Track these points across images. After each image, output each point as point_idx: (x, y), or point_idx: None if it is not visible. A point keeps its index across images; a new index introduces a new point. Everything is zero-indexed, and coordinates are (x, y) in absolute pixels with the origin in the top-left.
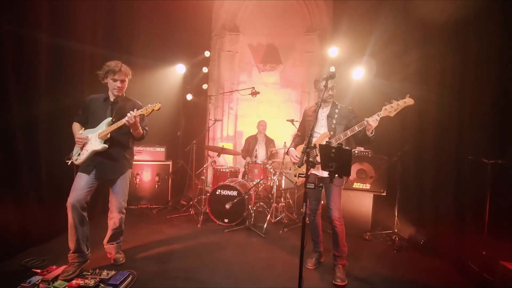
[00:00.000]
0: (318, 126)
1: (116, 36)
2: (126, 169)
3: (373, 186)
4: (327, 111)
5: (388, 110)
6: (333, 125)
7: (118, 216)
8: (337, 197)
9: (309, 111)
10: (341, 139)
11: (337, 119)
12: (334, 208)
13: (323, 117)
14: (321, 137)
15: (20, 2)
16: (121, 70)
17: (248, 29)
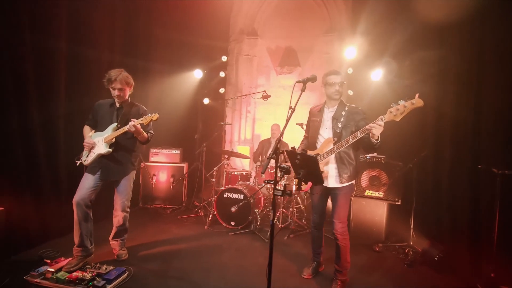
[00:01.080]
0: (323, 128)
1: (134, 43)
2: (129, 171)
3: (387, 195)
4: (333, 112)
5: (394, 113)
6: (338, 128)
7: (122, 215)
8: (342, 209)
9: (314, 110)
10: (343, 146)
11: (343, 122)
12: (337, 221)
13: (328, 118)
14: (324, 143)
15: (40, 12)
16: (116, 80)
17: (266, 32)
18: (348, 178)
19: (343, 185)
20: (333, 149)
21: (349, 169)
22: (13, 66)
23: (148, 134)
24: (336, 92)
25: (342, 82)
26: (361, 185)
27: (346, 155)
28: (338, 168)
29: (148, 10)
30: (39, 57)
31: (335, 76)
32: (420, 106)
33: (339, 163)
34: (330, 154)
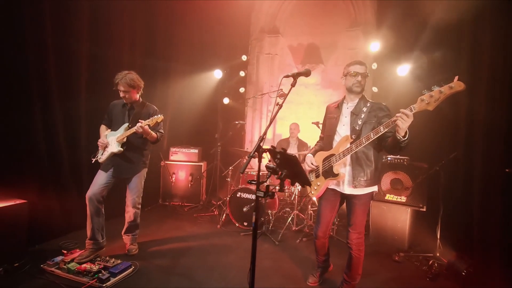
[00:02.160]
0: (340, 124)
1: (155, 43)
2: (140, 169)
3: (410, 200)
4: (352, 106)
5: (427, 101)
6: (357, 125)
7: (133, 211)
8: (359, 219)
9: (331, 107)
10: (363, 144)
11: (364, 118)
12: (352, 231)
13: (347, 113)
14: (340, 142)
15: (62, 14)
16: (119, 83)
17: (288, 30)
18: (365, 182)
19: (361, 193)
20: (351, 148)
21: (366, 172)
22: (37, 66)
23: (158, 134)
24: (357, 83)
25: (366, 74)
26: (381, 188)
27: (364, 156)
28: (352, 170)
29: (169, 10)
30: (62, 58)
31: (359, 66)
32: (461, 90)
33: (354, 164)
34: (346, 154)
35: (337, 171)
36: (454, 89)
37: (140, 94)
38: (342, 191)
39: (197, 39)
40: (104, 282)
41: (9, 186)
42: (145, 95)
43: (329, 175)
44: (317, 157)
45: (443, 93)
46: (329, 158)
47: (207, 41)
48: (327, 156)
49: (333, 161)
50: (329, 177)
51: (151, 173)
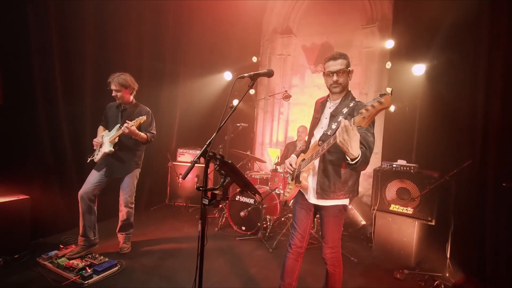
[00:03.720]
0: (318, 127)
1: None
2: (132, 169)
3: (417, 212)
4: (333, 107)
5: (363, 115)
6: (330, 130)
7: (125, 210)
8: (330, 232)
9: (318, 103)
10: (318, 154)
11: (340, 122)
12: (324, 244)
13: (327, 114)
14: (312, 148)
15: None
16: (110, 82)
17: (301, 29)
18: (331, 195)
19: (326, 204)
20: (311, 156)
21: (332, 184)
22: (43, 67)
23: (148, 135)
24: (334, 84)
25: (343, 70)
26: (386, 197)
27: (332, 167)
28: (318, 179)
29: (177, 12)
30: (67, 59)
31: (332, 62)
32: (387, 108)
33: (321, 174)
34: (309, 162)
35: (302, 179)
36: (383, 105)
37: (133, 95)
38: (308, 199)
39: (206, 40)
40: (86, 279)
41: (13, 181)
42: (152, 96)
43: (297, 181)
44: (299, 159)
45: (375, 109)
46: (302, 162)
47: (217, 43)
48: (302, 159)
49: (301, 167)
50: (297, 183)
51: (158, 173)
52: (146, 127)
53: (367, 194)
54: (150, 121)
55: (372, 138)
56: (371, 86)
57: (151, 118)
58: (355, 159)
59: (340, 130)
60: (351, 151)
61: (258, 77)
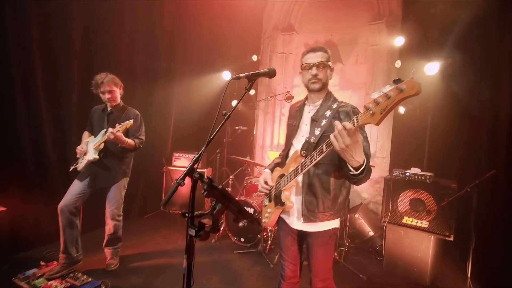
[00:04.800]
0: (298, 135)
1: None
2: (119, 178)
3: (434, 225)
4: (314, 111)
5: (372, 110)
6: (313, 137)
7: (112, 223)
8: (319, 262)
9: (293, 109)
10: (307, 165)
11: (324, 127)
12: (313, 277)
13: (307, 120)
14: (291, 159)
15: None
16: (103, 83)
17: (304, 26)
18: (320, 216)
19: (314, 230)
20: (297, 170)
21: (321, 202)
22: (22, 67)
23: (136, 141)
24: (313, 78)
25: (324, 63)
26: (398, 209)
27: (319, 181)
28: (303, 198)
29: (173, 9)
30: (50, 57)
31: (312, 54)
32: (414, 95)
33: (306, 191)
34: (293, 177)
35: (285, 199)
36: (406, 93)
37: (121, 96)
38: (290, 224)
39: (204, 38)
40: None
41: None
42: (146, 96)
43: (278, 203)
44: (274, 174)
45: (391, 99)
46: (280, 179)
47: (215, 40)
48: (280, 175)
49: (281, 185)
50: (278, 205)
51: (153, 179)
52: (133, 132)
53: (373, 201)
54: (139, 125)
55: (366, 143)
56: (378, 86)
57: (140, 122)
58: (359, 167)
59: (338, 134)
60: (356, 158)
61: (257, 78)
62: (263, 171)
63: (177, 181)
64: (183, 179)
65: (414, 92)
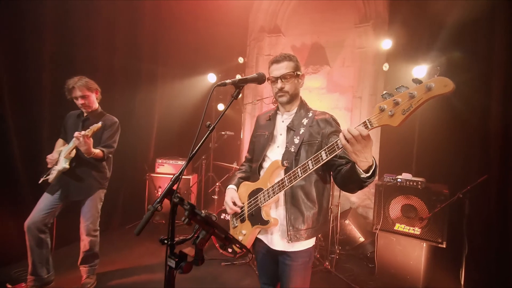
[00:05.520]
0: (273, 146)
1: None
2: (94, 190)
3: (426, 232)
4: (289, 119)
5: (390, 111)
6: (293, 146)
7: (88, 239)
8: (298, 283)
9: (262, 119)
10: (299, 176)
11: (303, 135)
12: None
13: (282, 129)
14: (269, 170)
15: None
16: (75, 88)
17: (290, 28)
18: (305, 233)
19: (297, 249)
20: (282, 182)
21: (306, 217)
22: None
23: (105, 150)
24: (279, 92)
25: (290, 73)
26: (389, 216)
27: (303, 192)
28: (287, 215)
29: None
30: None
31: (275, 66)
32: (447, 93)
33: (288, 205)
34: (277, 191)
35: (268, 216)
36: (436, 91)
37: (99, 100)
38: (269, 244)
39: (188, 40)
40: None
41: None
42: (127, 100)
43: (257, 221)
44: (242, 190)
45: (416, 99)
46: (256, 194)
47: (200, 42)
48: (253, 190)
49: (260, 201)
50: (256, 224)
51: (135, 187)
52: (106, 139)
53: (362, 205)
54: (114, 132)
55: None
56: (365, 89)
57: (115, 130)
58: (369, 168)
59: (355, 140)
60: (368, 159)
61: (246, 84)
62: (227, 188)
63: (153, 206)
64: (160, 203)
65: (447, 90)
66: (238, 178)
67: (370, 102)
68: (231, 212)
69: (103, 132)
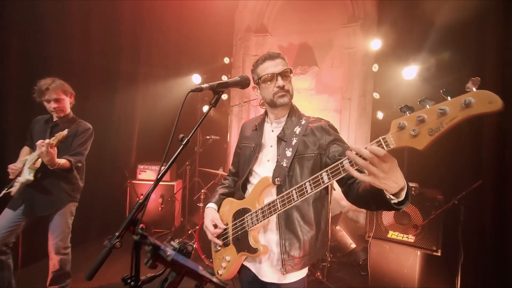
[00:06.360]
0: (261, 160)
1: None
2: (64, 204)
3: (420, 240)
4: (279, 129)
5: (411, 130)
6: (285, 160)
7: (57, 258)
8: None
9: (248, 128)
10: (294, 201)
11: (296, 146)
12: None
13: (272, 140)
14: (257, 188)
15: None
16: (49, 89)
17: (277, 28)
18: (300, 262)
19: (290, 280)
20: (274, 205)
21: (302, 242)
22: None
23: (72, 160)
24: (280, 92)
25: (288, 70)
26: (382, 223)
27: (299, 214)
28: (281, 240)
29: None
30: None
31: (271, 62)
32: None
33: (282, 228)
34: (268, 215)
35: (256, 243)
36: (477, 109)
37: (72, 105)
38: (258, 274)
39: (171, 39)
40: None
41: None
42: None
43: (243, 248)
44: (225, 209)
45: (448, 117)
46: (242, 215)
47: (184, 42)
48: (239, 210)
49: (247, 224)
50: (242, 252)
51: (115, 195)
52: (75, 146)
53: (352, 208)
54: (85, 139)
55: None
56: (354, 90)
57: (87, 136)
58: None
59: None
60: (399, 182)
61: (226, 89)
62: (206, 208)
63: (110, 241)
64: (119, 237)
65: (492, 108)
66: (219, 194)
67: (359, 104)
68: (212, 238)
69: (73, 139)
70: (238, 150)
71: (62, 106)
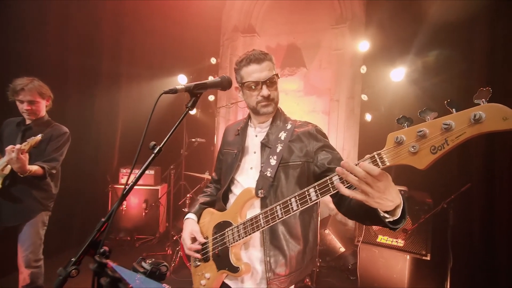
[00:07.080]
0: (244, 167)
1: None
2: (35, 213)
3: (409, 244)
4: (263, 134)
5: (411, 146)
6: (269, 169)
7: (27, 272)
8: None
9: (230, 133)
10: (278, 218)
11: (281, 153)
12: None
13: (256, 146)
14: (239, 201)
15: None
16: (24, 90)
17: (265, 28)
18: (288, 279)
19: None
20: (257, 221)
21: (288, 258)
22: None
23: (46, 166)
24: (264, 101)
25: (275, 76)
26: (372, 227)
27: (285, 228)
28: (265, 257)
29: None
30: None
31: (256, 67)
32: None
33: (267, 244)
34: (251, 232)
35: (238, 262)
36: (488, 127)
37: (48, 109)
38: None
39: (156, 39)
40: None
41: None
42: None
43: (224, 265)
44: (206, 220)
45: (454, 133)
46: (223, 228)
47: (169, 42)
48: (220, 223)
49: (228, 240)
50: (223, 269)
51: (96, 201)
52: (50, 151)
53: None
54: (61, 144)
55: None
56: (342, 92)
57: (63, 141)
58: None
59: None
60: (395, 200)
61: (205, 91)
62: (185, 219)
63: (64, 269)
64: (75, 264)
65: (507, 126)
66: (200, 203)
67: (347, 105)
68: (190, 252)
69: (48, 144)
70: (221, 157)
71: (36, 109)
